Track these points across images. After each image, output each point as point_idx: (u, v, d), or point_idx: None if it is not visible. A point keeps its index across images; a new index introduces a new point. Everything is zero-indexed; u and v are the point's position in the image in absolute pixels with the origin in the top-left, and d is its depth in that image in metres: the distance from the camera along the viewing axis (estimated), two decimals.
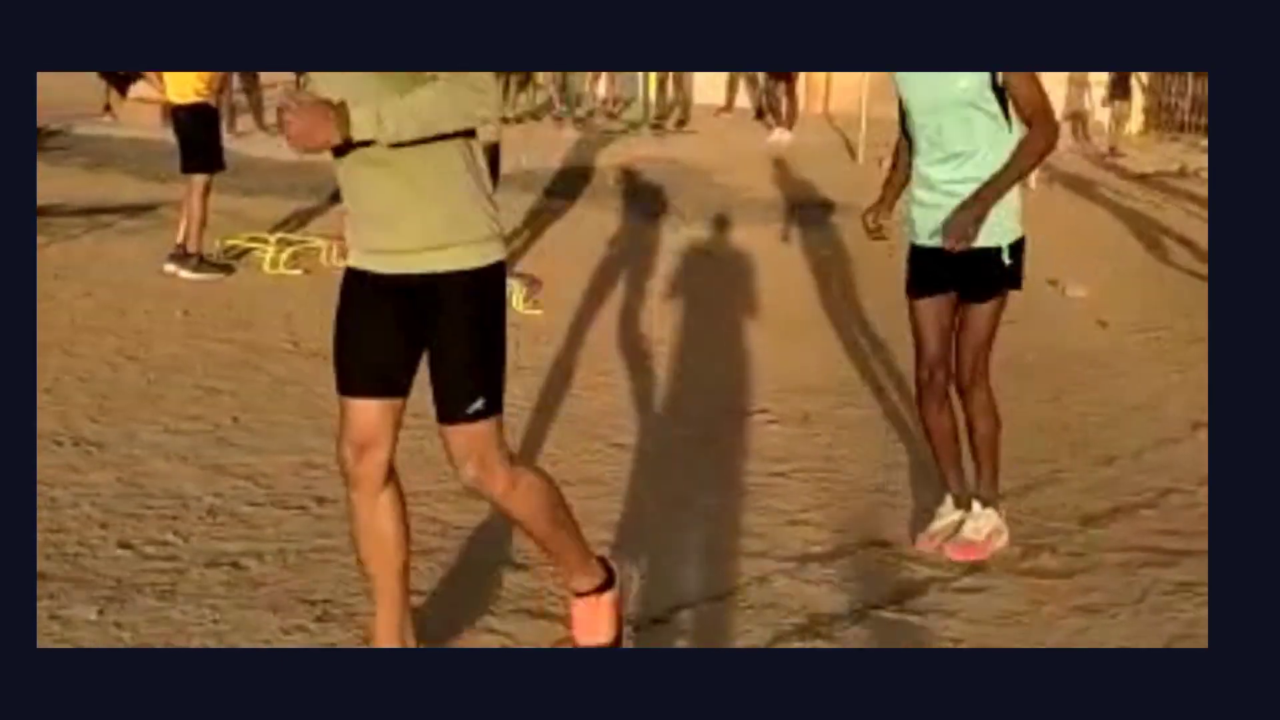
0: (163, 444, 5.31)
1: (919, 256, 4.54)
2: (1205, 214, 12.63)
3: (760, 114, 18.81)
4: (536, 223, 11.06)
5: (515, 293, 8.15)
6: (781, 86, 17.50)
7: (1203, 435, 5.86)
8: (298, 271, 8.81)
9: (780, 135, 17.00)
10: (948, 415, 4.65)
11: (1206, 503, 5.02)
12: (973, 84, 4.27)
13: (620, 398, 6.39)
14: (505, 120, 8.19)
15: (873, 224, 4.72)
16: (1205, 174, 15.53)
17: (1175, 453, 5.75)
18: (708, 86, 20.38)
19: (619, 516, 4.83)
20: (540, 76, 18.21)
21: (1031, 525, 4.87)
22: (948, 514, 4.72)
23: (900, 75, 4.43)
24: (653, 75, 17.93)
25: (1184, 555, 4.60)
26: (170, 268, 8.51)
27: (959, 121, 4.31)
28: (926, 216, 4.46)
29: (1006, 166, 4.28)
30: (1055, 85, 18.38)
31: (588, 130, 16.72)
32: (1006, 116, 4.32)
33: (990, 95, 4.28)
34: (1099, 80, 18.66)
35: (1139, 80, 18.94)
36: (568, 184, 12.78)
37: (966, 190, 4.30)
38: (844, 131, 17.12)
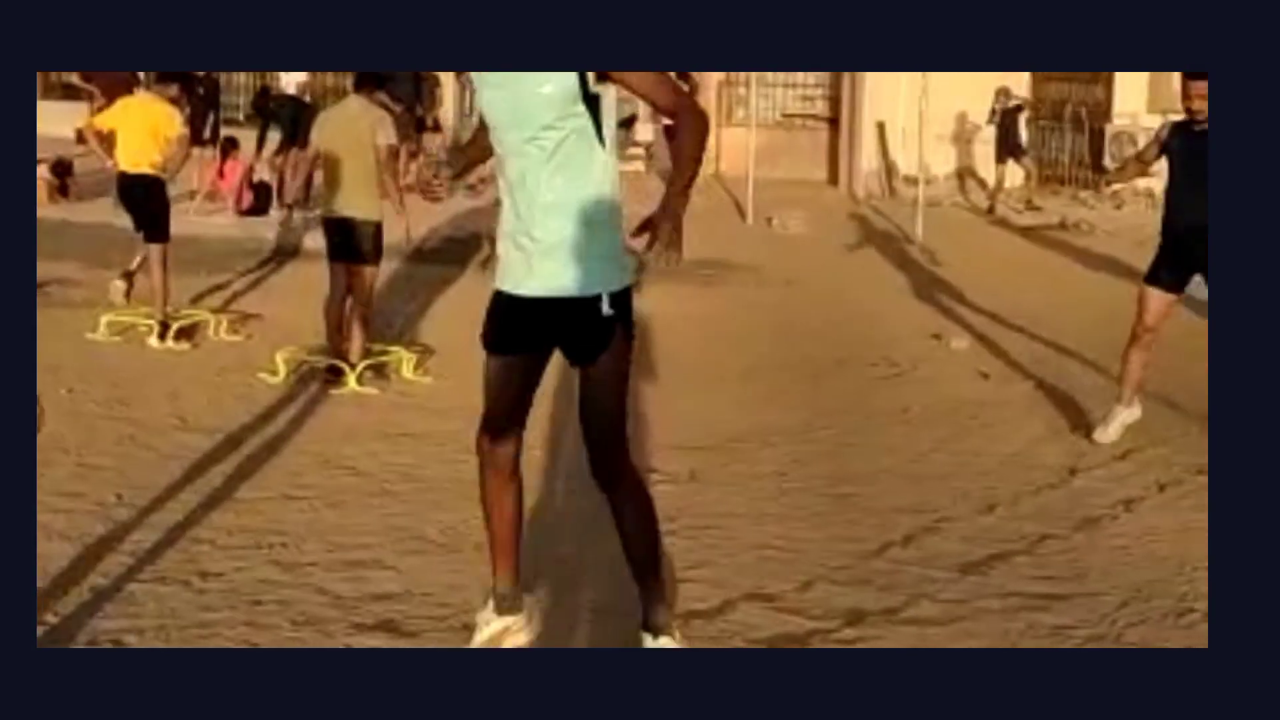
0: (45, 523, 5.23)
1: (503, 306, 3.86)
2: (1085, 266, 13.02)
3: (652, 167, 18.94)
4: (426, 291, 11.08)
5: (405, 361, 8.18)
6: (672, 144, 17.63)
7: (1077, 482, 6.11)
8: (185, 346, 8.74)
9: None
10: (511, 497, 3.96)
11: (1080, 547, 5.23)
12: (560, 89, 3.61)
13: None
14: (400, 189, 8.21)
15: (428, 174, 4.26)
16: (1085, 226, 15.99)
17: (1051, 498, 5.92)
18: None
19: None
20: (433, 146, 18.26)
21: (913, 574, 4.97)
22: (488, 621, 4.01)
23: (478, 76, 3.79)
24: None
25: (1058, 600, 4.73)
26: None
27: (545, 136, 3.66)
28: (512, 257, 3.81)
29: (681, 165, 3.69)
30: (941, 144, 18.91)
31: (479, 198, 16.78)
32: (600, 134, 3.71)
33: (581, 107, 3.65)
34: (985, 139, 19.04)
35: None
36: (458, 251, 12.83)
37: (561, 225, 3.71)
38: (733, 192, 17.38)
